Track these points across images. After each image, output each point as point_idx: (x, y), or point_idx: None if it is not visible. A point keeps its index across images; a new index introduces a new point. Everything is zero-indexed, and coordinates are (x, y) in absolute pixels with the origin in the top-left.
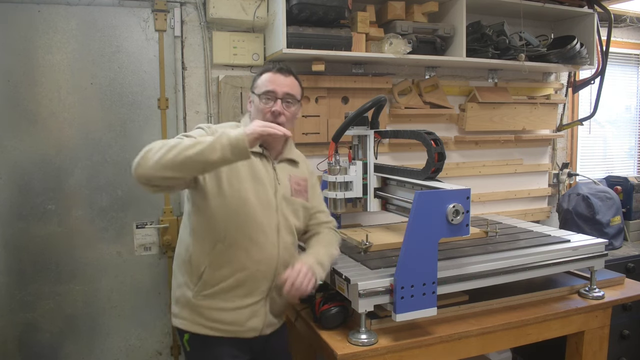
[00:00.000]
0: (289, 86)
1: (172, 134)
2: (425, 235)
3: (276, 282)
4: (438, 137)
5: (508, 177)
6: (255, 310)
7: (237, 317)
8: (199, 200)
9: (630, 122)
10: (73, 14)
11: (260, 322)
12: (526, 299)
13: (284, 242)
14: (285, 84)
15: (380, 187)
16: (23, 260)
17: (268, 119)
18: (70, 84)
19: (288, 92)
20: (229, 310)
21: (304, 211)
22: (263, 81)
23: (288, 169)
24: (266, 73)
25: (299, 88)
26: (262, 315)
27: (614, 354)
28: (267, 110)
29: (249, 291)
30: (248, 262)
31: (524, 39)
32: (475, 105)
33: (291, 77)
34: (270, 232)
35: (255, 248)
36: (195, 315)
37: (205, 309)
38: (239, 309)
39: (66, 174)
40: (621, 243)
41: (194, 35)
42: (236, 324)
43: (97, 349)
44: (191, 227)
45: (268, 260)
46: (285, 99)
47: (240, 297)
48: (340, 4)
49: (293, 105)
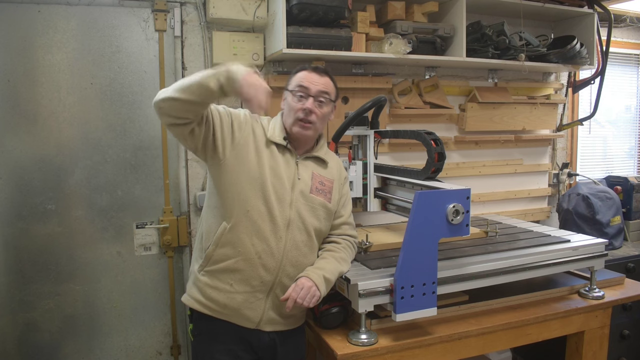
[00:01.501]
0: (324, 84)
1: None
2: (425, 235)
3: (281, 279)
4: (438, 137)
5: (508, 177)
6: (251, 301)
7: (230, 301)
8: (216, 175)
9: (630, 122)
10: (73, 14)
11: (257, 316)
12: (526, 299)
13: (294, 239)
14: (319, 82)
15: (380, 187)
16: (23, 260)
17: (299, 116)
18: (70, 84)
19: (322, 89)
20: (224, 292)
21: (324, 212)
22: (297, 78)
23: (313, 167)
24: (302, 72)
25: (335, 88)
26: (259, 308)
27: (614, 354)
28: (298, 107)
29: (246, 278)
30: (250, 248)
31: (524, 39)
32: (475, 105)
33: (326, 77)
34: (279, 225)
35: (259, 236)
36: (195, 291)
37: (203, 285)
38: (232, 293)
39: (66, 174)
40: (621, 243)
41: (194, 35)
42: (229, 308)
43: (97, 349)
44: (208, 203)
45: (272, 253)
46: (318, 97)
47: (236, 281)
48: (340, 4)
49: (326, 105)
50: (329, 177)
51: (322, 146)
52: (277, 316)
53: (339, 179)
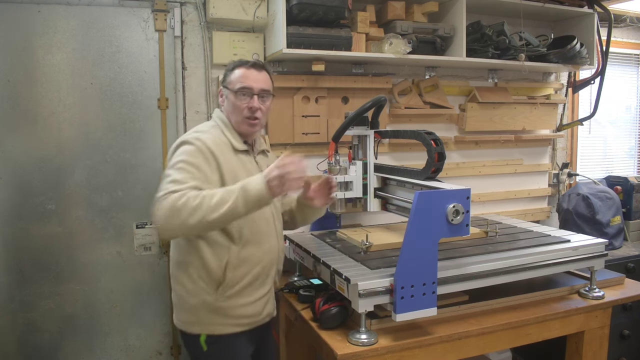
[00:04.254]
0: (264, 81)
1: (172, 134)
2: (425, 235)
3: (278, 267)
4: (438, 137)
5: (508, 177)
6: (269, 297)
7: (257, 308)
8: None
9: (630, 122)
10: (73, 14)
11: (272, 307)
12: (526, 299)
13: (279, 229)
14: (260, 79)
15: (380, 187)
16: (23, 260)
17: (245, 114)
18: (70, 84)
19: (263, 87)
20: (250, 304)
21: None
22: (237, 77)
23: (265, 160)
24: (239, 68)
25: (271, 82)
26: (272, 299)
27: (614, 354)
28: (243, 106)
29: (263, 281)
30: (262, 255)
31: (524, 39)
32: (475, 105)
33: (264, 72)
34: (270, 221)
35: (264, 240)
36: (217, 317)
37: (229, 309)
38: (258, 301)
39: (66, 174)
40: (621, 243)
41: (194, 35)
42: (256, 314)
43: (97, 349)
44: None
45: (273, 250)
46: (261, 94)
47: (257, 288)
48: (340, 4)
49: (268, 100)
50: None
51: (259, 137)
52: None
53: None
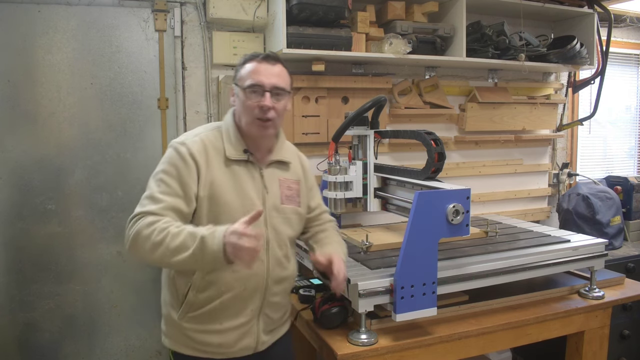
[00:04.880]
0: (277, 76)
1: (172, 134)
2: (425, 235)
3: (268, 299)
4: (438, 137)
5: (508, 177)
6: (246, 330)
7: (225, 339)
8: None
9: (630, 122)
10: (73, 14)
11: (253, 342)
12: (526, 299)
13: (275, 257)
14: (272, 73)
15: (380, 187)
16: (23, 260)
17: (256, 114)
18: (70, 84)
19: (276, 84)
20: (216, 333)
21: (297, 218)
22: (247, 72)
23: (278, 173)
24: (250, 62)
25: (289, 77)
26: (253, 334)
27: (614, 354)
28: (254, 105)
29: (237, 312)
30: (234, 282)
31: (524, 39)
32: (475, 105)
33: (279, 65)
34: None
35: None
36: (181, 336)
37: (191, 331)
38: (227, 331)
39: (66, 174)
40: (621, 243)
41: (194, 35)
42: (224, 346)
43: (97, 349)
44: None
45: (256, 278)
46: (274, 91)
47: (227, 318)
48: (340, 4)
49: (283, 98)
50: (294, 179)
51: (282, 144)
52: (268, 335)
53: (304, 175)
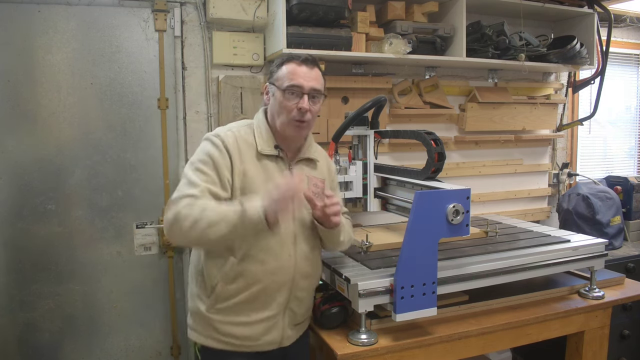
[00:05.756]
0: (315, 79)
1: (172, 134)
2: (425, 235)
3: (295, 293)
4: (438, 137)
5: (508, 177)
6: (272, 324)
7: (252, 331)
8: None
9: (630, 122)
10: (73, 14)
11: (278, 336)
12: (526, 299)
13: (302, 252)
14: (311, 77)
15: (380, 187)
16: (23, 260)
17: (294, 116)
18: (70, 84)
19: (315, 87)
20: (243, 325)
21: None
22: (286, 73)
23: (306, 170)
24: (289, 63)
25: (323, 81)
26: (279, 328)
27: (614, 354)
28: (292, 107)
29: (264, 305)
30: (262, 274)
31: (524, 39)
32: (475, 105)
33: (316, 68)
34: (286, 241)
35: (270, 260)
36: (208, 329)
37: (218, 323)
38: (254, 324)
39: (66, 174)
40: (621, 243)
41: (194, 35)
42: (250, 339)
43: (97, 349)
44: None
45: (284, 272)
46: (311, 94)
47: (255, 311)
48: (340, 4)
49: (319, 101)
50: (321, 177)
51: (310, 143)
52: (293, 329)
53: (329, 175)
